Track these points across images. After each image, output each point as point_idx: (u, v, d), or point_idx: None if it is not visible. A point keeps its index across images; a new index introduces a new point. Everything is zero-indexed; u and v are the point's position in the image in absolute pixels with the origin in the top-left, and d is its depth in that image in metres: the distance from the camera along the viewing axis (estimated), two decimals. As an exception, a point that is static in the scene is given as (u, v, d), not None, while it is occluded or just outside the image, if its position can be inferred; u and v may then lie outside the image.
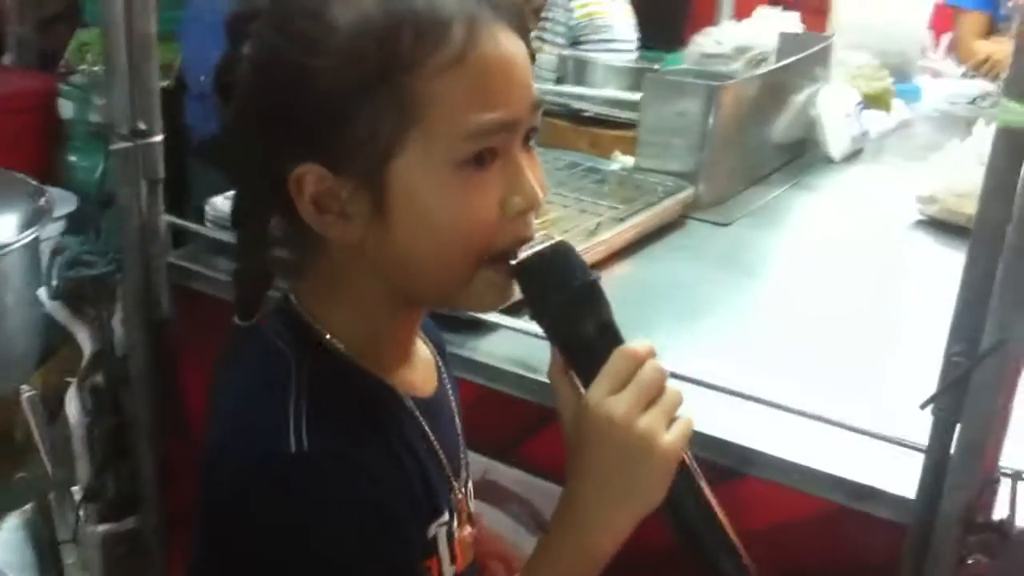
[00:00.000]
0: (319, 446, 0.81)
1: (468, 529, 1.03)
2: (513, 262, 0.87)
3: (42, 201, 2.66)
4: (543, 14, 3.97)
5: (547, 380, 1.40)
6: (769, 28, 2.87)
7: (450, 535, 0.96)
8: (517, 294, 0.92)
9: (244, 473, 0.82)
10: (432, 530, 0.93)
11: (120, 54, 1.59)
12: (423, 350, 1.02)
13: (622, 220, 1.88)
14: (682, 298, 1.75)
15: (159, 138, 1.65)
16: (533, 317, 0.90)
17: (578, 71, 2.47)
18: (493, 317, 1.52)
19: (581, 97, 2.29)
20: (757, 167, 2.35)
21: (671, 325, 1.62)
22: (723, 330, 1.65)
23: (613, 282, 1.75)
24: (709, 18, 3.62)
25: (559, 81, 2.48)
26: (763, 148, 2.38)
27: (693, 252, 1.96)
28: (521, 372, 1.47)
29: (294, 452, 0.81)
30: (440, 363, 1.05)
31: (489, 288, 0.88)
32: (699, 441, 1.26)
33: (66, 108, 4.20)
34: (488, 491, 1.54)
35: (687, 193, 2.05)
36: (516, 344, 1.50)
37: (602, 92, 2.31)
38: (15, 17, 4.79)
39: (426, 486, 0.92)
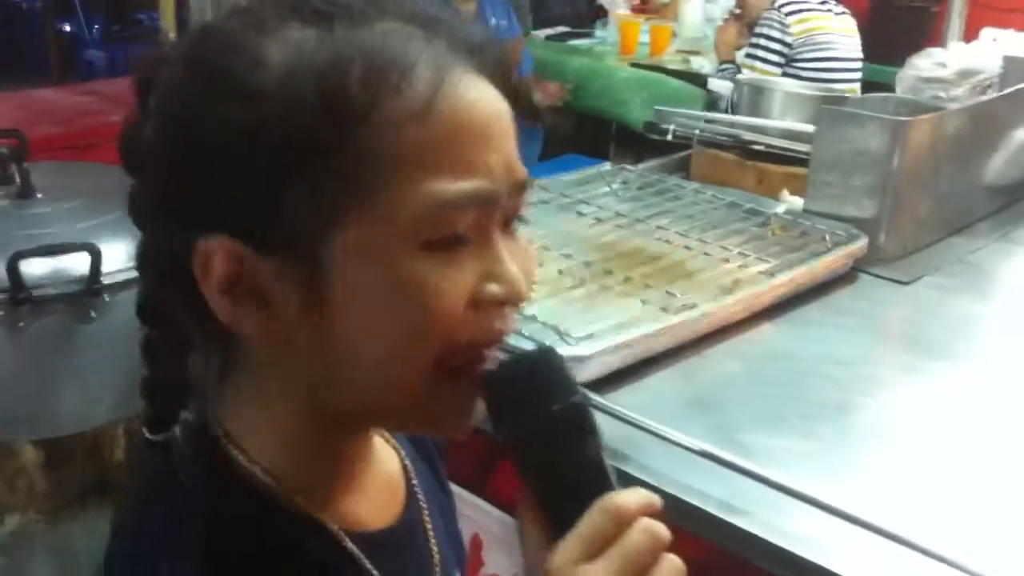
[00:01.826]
0: None
1: None
2: (482, 369, 0.66)
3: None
4: (756, 30, 3.68)
5: (636, 472, 1.20)
6: (999, 51, 2.50)
7: None
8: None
9: None
10: None
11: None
12: (384, 462, 0.81)
13: (771, 275, 1.61)
14: (831, 381, 1.45)
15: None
16: (499, 441, 0.68)
17: (753, 98, 2.19)
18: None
19: (751, 128, 2.02)
20: (957, 215, 2.01)
21: (804, 420, 1.34)
22: (880, 437, 1.34)
23: (744, 349, 1.51)
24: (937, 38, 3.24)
25: (714, 104, 2.22)
26: (967, 192, 2.03)
27: (860, 318, 1.66)
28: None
29: None
30: (412, 471, 0.84)
31: (448, 409, 0.68)
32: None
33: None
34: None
35: (859, 244, 1.75)
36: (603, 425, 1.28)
37: (774, 123, 2.03)
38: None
39: None
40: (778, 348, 1.53)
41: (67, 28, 6.58)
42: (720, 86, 3.41)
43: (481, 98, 0.65)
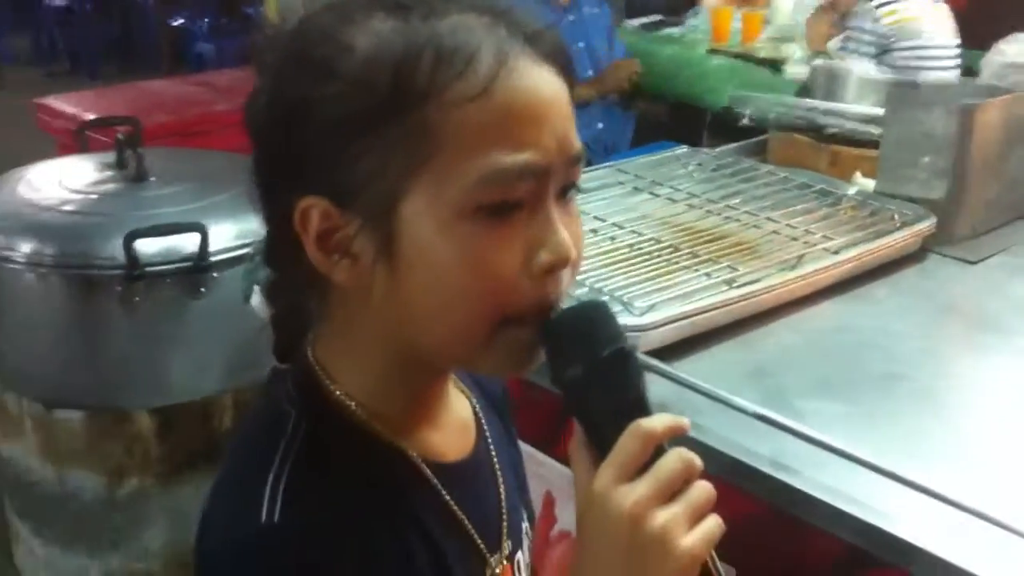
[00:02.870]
0: (291, 520, 0.74)
1: None
2: (538, 319, 0.75)
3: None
4: (847, 24, 3.69)
5: (693, 434, 1.28)
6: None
7: None
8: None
9: (211, 549, 0.77)
10: None
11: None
12: (457, 406, 0.91)
13: (835, 253, 1.67)
14: (884, 352, 1.52)
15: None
16: (553, 383, 0.78)
17: (829, 82, 2.24)
18: (642, 359, 1.39)
19: (827, 111, 2.07)
20: (1029, 197, 2.03)
21: (852, 386, 1.42)
22: (923, 403, 1.40)
23: (805, 323, 1.57)
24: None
25: (806, 93, 2.27)
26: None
27: (923, 295, 1.71)
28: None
29: (262, 525, 0.74)
30: (483, 418, 0.94)
31: (511, 352, 0.76)
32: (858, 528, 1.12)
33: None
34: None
35: (926, 224, 1.80)
36: (664, 388, 1.37)
37: (846, 106, 2.08)
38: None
39: (438, 563, 0.82)
40: (838, 322, 1.60)
41: (178, 22, 6.83)
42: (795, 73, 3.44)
43: (536, 82, 0.73)
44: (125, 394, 2.41)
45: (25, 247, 2.28)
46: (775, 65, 3.99)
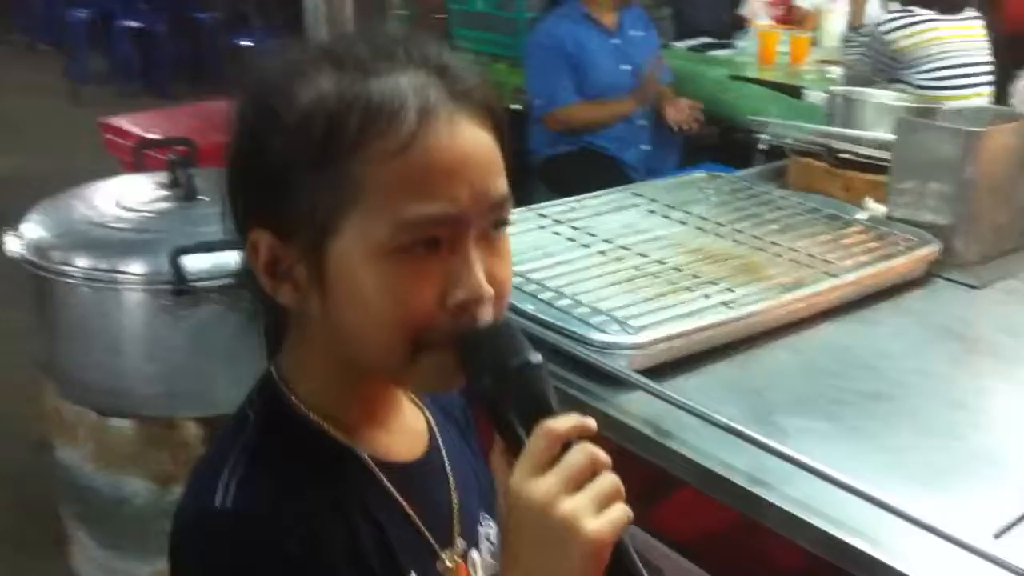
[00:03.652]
0: (240, 507, 0.84)
1: None
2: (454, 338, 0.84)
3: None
4: (855, 39, 3.75)
5: (675, 446, 1.36)
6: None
7: None
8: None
9: (176, 528, 0.87)
10: None
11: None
12: (410, 414, 1.00)
13: (835, 276, 1.73)
14: (874, 372, 1.56)
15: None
16: (469, 395, 0.87)
17: (847, 108, 2.29)
18: (631, 375, 1.47)
19: (841, 137, 2.12)
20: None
21: (836, 404, 1.47)
22: (903, 421, 1.45)
23: (801, 343, 1.63)
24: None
25: (827, 120, 2.32)
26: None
27: (923, 318, 1.76)
28: (651, 434, 1.41)
29: (215, 510, 0.84)
30: (436, 429, 1.02)
31: (433, 372, 0.86)
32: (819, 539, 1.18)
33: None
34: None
35: (932, 249, 1.84)
36: (652, 405, 1.44)
37: (858, 132, 2.13)
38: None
39: (384, 551, 0.90)
40: (834, 343, 1.65)
41: (243, 42, 7.03)
42: (815, 98, 3.49)
43: (455, 138, 0.82)
44: (173, 403, 2.53)
45: (81, 262, 2.42)
46: (792, 91, 4.02)
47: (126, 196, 2.69)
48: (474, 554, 1.02)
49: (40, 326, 2.65)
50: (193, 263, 2.38)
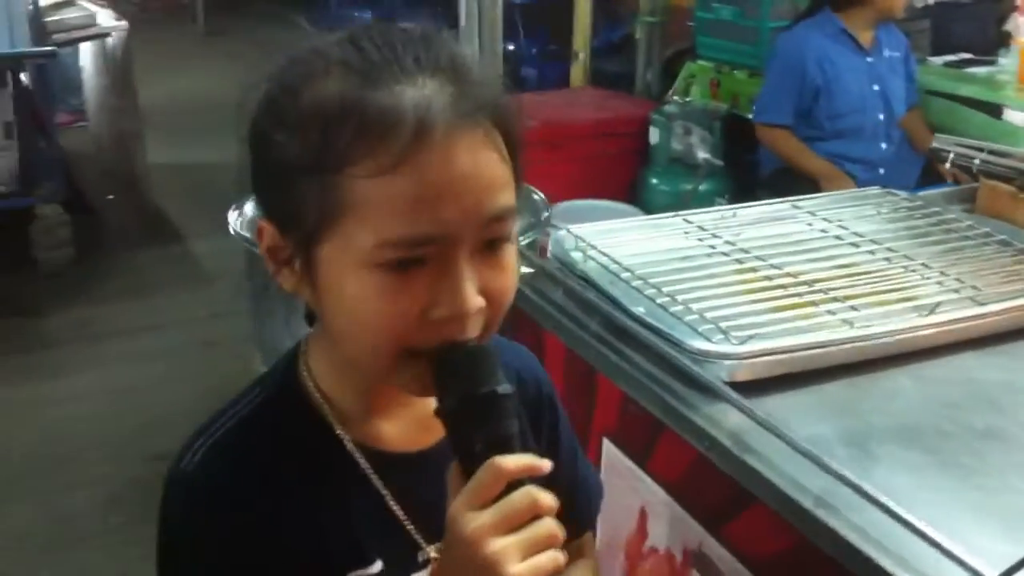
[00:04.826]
0: (197, 473, 0.91)
1: None
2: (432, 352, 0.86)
3: (544, 215, 2.94)
4: None
5: (752, 461, 1.34)
6: None
7: None
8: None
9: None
10: None
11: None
12: (426, 404, 0.97)
13: (981, 304, 1.61)
14: (999, 409, 1.44)
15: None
16: (436, 412, 0.87)
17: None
18: (718, 386, 1.44)
19: (1028, 159, 1.97)
20: None
21: (942, 437, 1.38)
22: (1013, 469, 1.33)
23: (928, 371, 1.54)
24: None
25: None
26: None
27: (1081, 356, 1.61)
28: (731, 447, 1.38)
29: (178, 472, 0.92)
30: None
31: (412, 378, 0.88)
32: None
33: (654, 134, 4.53)
34: (702, 565, 1.47)
35: (1103, 284, 1.68)
36: (741, 419, 1.41)
37: (1049, 155, 1.96)
38: (643, 53, 5.26)
39: (350, 533, 0.94)
40: (963, 375, 1.54)
41: (510, 47, 7.25)
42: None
43: (452, 158, 0.80)
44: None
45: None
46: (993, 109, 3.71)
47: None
48: None
49: (252, 299, 2.88)
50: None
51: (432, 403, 0.93)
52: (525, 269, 1.91)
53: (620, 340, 1.62)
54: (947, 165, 2.08)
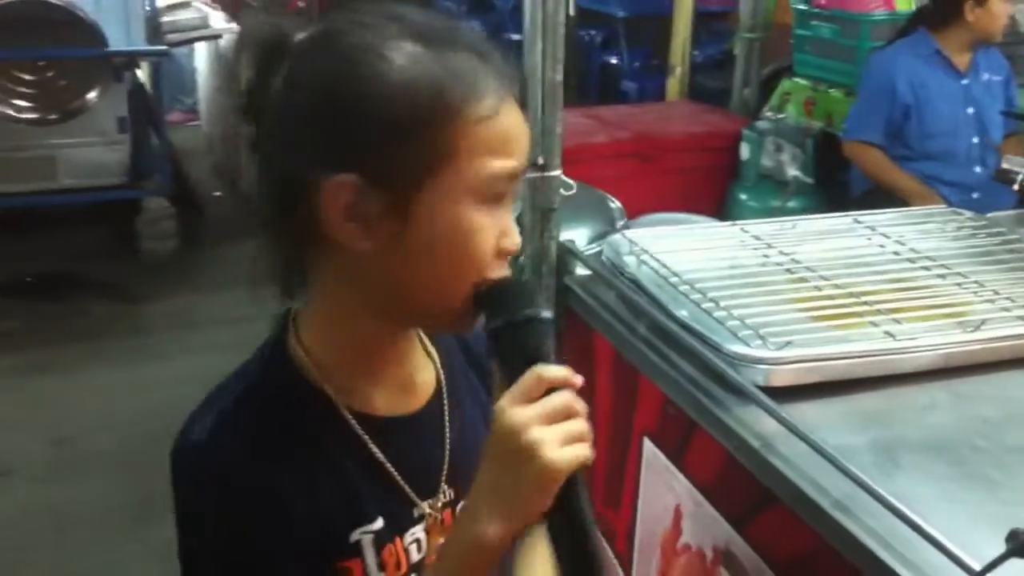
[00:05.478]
0: (207, 442, 0.98)
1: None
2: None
3: (619, 224, 2.99)
4: None
5: (775, 462, 1.38)
6: None
7: (379, 543, 1.02)
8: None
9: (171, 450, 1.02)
10: (355, 535, 1.00)
11: (536, 99, 1.83)
12: (420, 367, 1.09)
13: (1026, 322, 1.61)
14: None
15: (556, 173, 1.86)
16: (484, 330, 0.98)
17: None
18: (748, 387, 1.47)
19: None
20: None
21: (972, 451, 1.39)
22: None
23: (968, 387, 1.55)
24: None
25: None
26: None
27: None
28: (757, 448, 1.41)
29: (188, 442, 0.99)
30: (444, 379, 1.10)
31: (469, 311, 0.97)
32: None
33: (744, 150, 4.53)
34: (730, 563, 1.50)
35: None
36: (769, 422, 1.44)
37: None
38: (741, 69, 5.24)
39: (350, 494, 1.00)
40: (1003, 393, 1.54)
41: (612, 60, 7.31)
42: None
43: (514, 112, 0.97)
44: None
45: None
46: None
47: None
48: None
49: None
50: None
51: (418, 369, 1.09)
52: (580, 271, 1.97)
53: (663, 342, 1.66)
54: (1015, 187, 2.06)
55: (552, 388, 0.91)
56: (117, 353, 4.35)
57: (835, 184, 4.29)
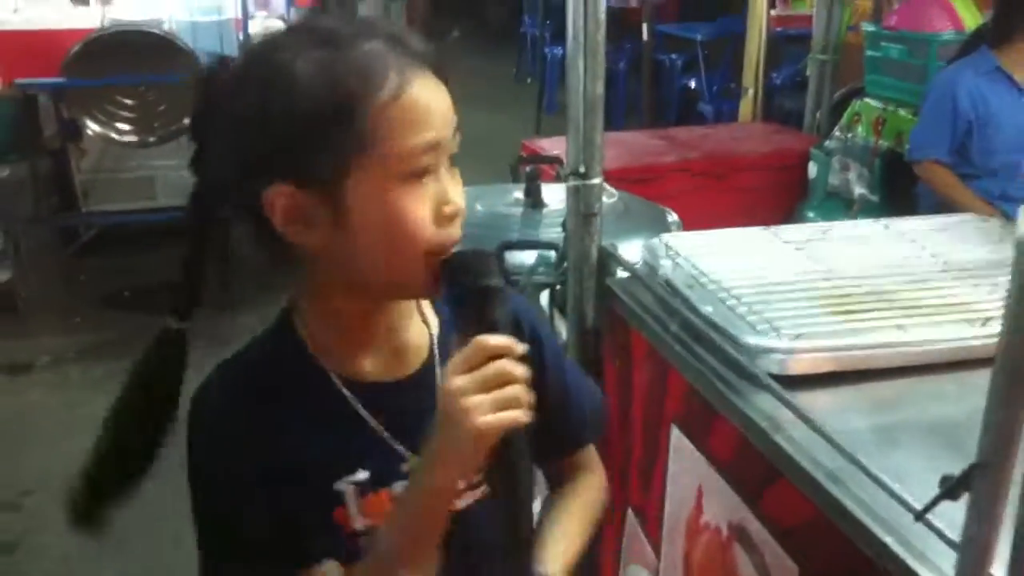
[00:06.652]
0: (211, 395, 1.15)
1: None
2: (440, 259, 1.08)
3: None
4: None
5: (779, 441, 1.50)
6: None
7: (362, 493, 1.15)
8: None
9: None
10: (339, 485, 1.14)
11: (577, 111, 1.98)
12: (414, 333, 1.21)
13: (1041, 321, 1.69)
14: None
15: (596, 180, 2.00)
16: (446, 302, 1.10)
17: None
18: (760, 373, 1.59)
19: None
20: None
21: (971, 440, 1.46)
22: None
23: (979, 380, 1.59)
24: None
25: None
26: None
27: None
28: (766, 428, 1.52)
29: (194, 397, 1.16)
30: (436, 345, 1.21)
31: (430, 278, 1.08)
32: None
33: (812, 169, 4.61)
34: (742, 538, 1.62)
35: None
36: (777, 406, 1.55)
37: None
38: (814, 90, 5.33)
39: (335, 448, 1.14)
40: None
41: (691, 84, 7.42)
42: None
43: (425, 86, 1.05)
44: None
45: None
46: None
47: (488, 199, 3.12)
48: None
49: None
50: (517, 257, 2.72)
51: (413, 337, 1.21)
52: (620, 273, 2.10)
53: (691, 337, 1.79)
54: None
55: (496, 356, 1.00)
56: (208, 360, 4.57)
57: (902, 203, 4.35)
